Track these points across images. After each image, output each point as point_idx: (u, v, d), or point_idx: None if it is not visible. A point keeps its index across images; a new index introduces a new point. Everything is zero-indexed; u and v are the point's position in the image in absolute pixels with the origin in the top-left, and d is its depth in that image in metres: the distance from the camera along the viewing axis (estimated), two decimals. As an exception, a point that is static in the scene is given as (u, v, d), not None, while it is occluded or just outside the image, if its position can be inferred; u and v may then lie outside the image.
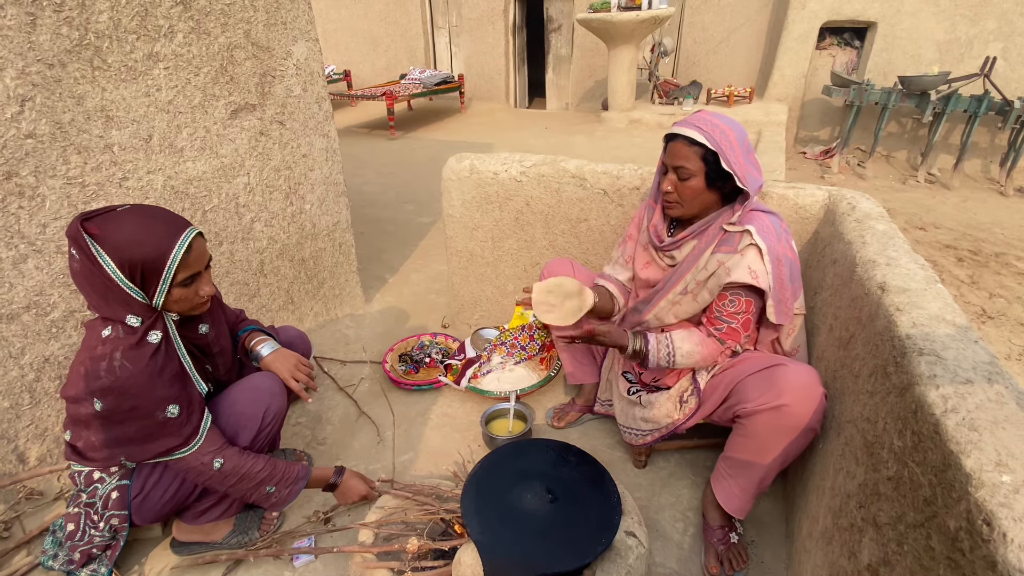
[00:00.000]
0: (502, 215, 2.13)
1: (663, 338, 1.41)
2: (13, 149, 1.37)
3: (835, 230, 1.50)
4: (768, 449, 1.27)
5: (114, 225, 1.06)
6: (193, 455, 1.18)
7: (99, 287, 1.08)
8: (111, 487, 1.25)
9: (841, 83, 5.23)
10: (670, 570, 1.39)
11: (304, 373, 1.42)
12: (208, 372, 1.31)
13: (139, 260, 1.06)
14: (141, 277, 1.08)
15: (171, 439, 1.15)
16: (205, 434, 1.20)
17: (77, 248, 1.06)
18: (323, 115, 2.19)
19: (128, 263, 1.06)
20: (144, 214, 1.11)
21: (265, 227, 2.08)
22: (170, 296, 1.13)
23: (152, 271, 1.08)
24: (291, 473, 1.32)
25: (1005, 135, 4.90)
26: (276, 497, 1.31)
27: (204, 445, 1.19)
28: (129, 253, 1.05)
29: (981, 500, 0.63)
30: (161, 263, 1.08)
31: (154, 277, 1.09)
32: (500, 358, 2.09)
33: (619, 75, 5.91)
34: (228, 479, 1.23)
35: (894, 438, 0.88)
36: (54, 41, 1.39)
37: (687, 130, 1.32)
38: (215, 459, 1.20)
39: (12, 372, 1.49)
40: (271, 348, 1.44)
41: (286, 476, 1.31)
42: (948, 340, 0.90)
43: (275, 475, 1.29)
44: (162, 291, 1.11)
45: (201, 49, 1.71)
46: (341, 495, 1.46)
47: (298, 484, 1.34)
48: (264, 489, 1.28)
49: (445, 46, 8.60)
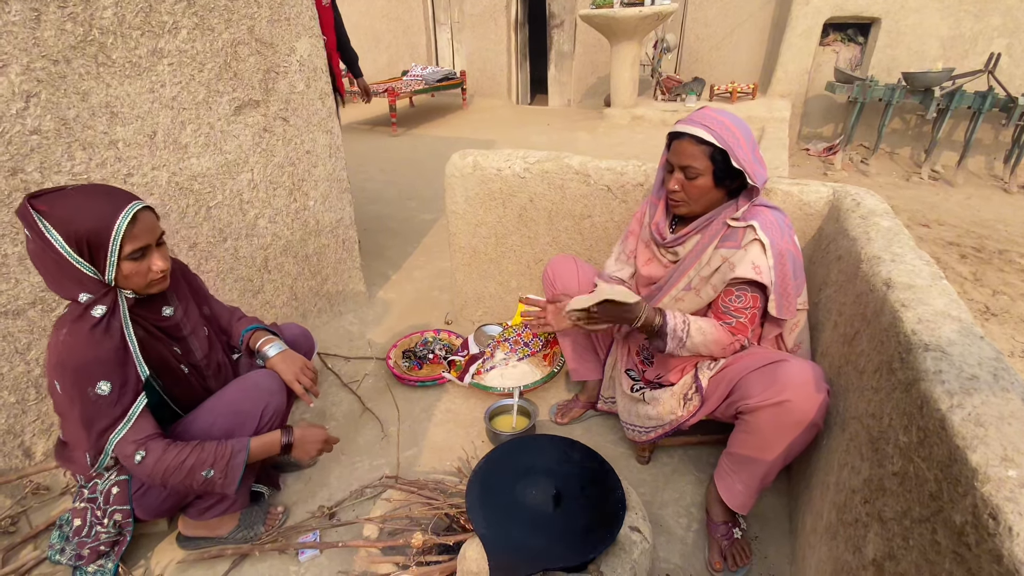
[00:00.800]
0: (505, 212, 2.13)
1: (676, 312, 1.40)
2: (18, 145, 1.37)
3: (839, 226, 1.50)
4: (771, 445, 1.27)
5: (60, 200, 1.06)
6: (118, 444, 1.13)
7: (51, 265, 1.08)
8: (111, 482, 1.25)
9: (845, 79, 5.21)
10: (674, 565, 1.40)
11: (308, 377, 1.42)
12: (178, 355, 1.29)
13: (84, 232, 1.06)
14: (89, 251, 1.08)
15: (103, 419, 1.12)
16: (133, 420, 1.14)
17: (27, 226, 1.06)
18: (326, 111, 2.19)
19: (75, 236, 1.05)
20: (90, 189, 1.11)
21: (269, 223, 2.08)
22: (121, 270, 1.11)
23: (98, 243, 1.07)
24: (224, 452, 1.22)
25: (1009, 132, 4.88)
26: (219, 480, 1.21)
27: (129, 433, 1.13)
28: (75, 226, 1.05)
29: (987, 495, 0.63)
30: (106, 234, 1.07)
31: (101, 250, 1.08)
32: (503, 354, 2.09)
33: (622, 71, 5.90)
34: (154, 474, 1.15)
35: (899, 433, 0.88)
36: (59, 37, 1.39)
37: (694, 129, 1.31)
38: (137, 451, 1.13)
39: (18, 368, 1.49)
40: (278, 349, 1.44)
41: (219, 456, 1.21)
42: (954, 336, 0.90)
43: (205, 459, 1.19)
44: (111, 264, 1.10)
45: (205, 45, 1.71)
46: (300, 450, 1.37)
47: (237, 459, 1.23)
48: (200, 476, 1.18)
49: (447, 42, 8.58)
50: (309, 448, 1.39)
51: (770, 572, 1.38)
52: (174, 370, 1.27)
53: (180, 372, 1.28)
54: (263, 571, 1.40)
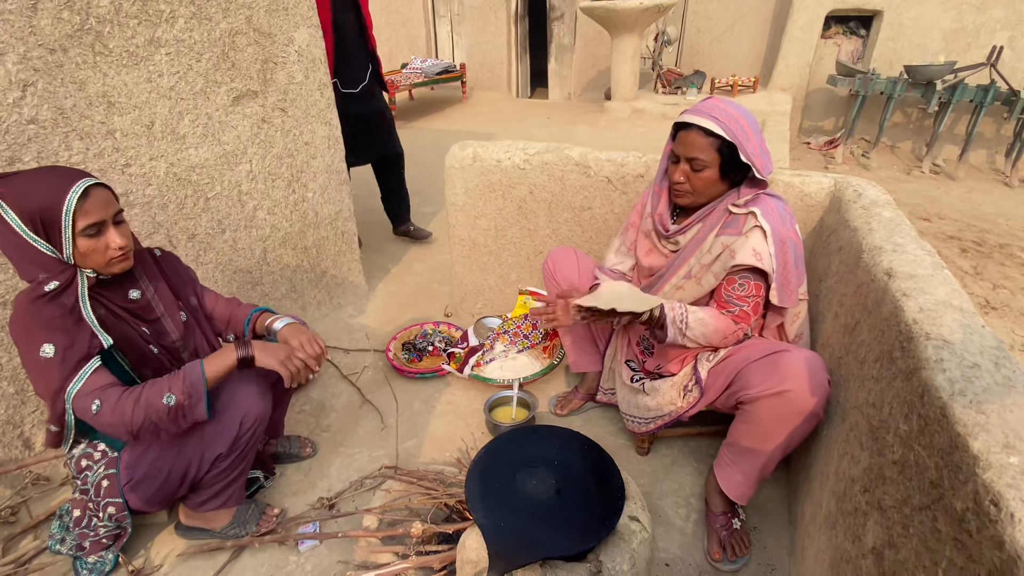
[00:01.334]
0: (505, 203, 2.12)
1: (676, 303, 1.39)
2: (15, 135, 1.36)
3: (841, 217, 1.49)
4: (771, 435, 1.27)
5: (15, 181, 1.08)
6: (75, 399, 1.12)
7: (11, 247, 1.10)
8: (100, 475, 1.25)
9: (846, 72, 5.18)
10: (673, 555, 1.40)
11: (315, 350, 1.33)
12: (147, 335, 1.27)
13: (36, 208, 1.07)
14: (44, 228, 1.09)
15: (53, 381, 1.11)
16: (87, 377, 1.12)
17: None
18: (325, 102, 2.18)
19: (28, 213, 1.07)
20: (45, 169, 1.13)
21: (268, 215, 2.07)
22: (77, 248, 1.12)
23: (51, 219, 1.08)
24: (177, 375, 1.18)
25: (1011, 125, 4.86)
26: (184, 402, 1.16)
27: (83, 387, 1.12)
28: (27, 203, 1.07)
29: (989, 481, 0.63)
30: (57, 209, 1.08)
31: (54, 226, 1.09)
32: (503, 346, 2.09)
33: (622, 64, 5.87)
34: (114, 421, 1.12)
35: (900, 422, 0.88)
36: (55, 26, 1.38)
37: (703, 120, 1.29)
38: (92, 401, 1.11)
39: (16, 359, 1.49)
40: (286, 322, 1.43)
41: (172, 380, 1.17)
42: (955, 325, 0.90)
43: (159, 388, 1.15)
44: (67, 240, 1.10)
45: (203, 35, 1.70)
46: (265, 356, 1.26)
47: (193, 375, 1.18)
48: (161, 404, 1.14)
49: (447, 35, 8.53)
50: (275, 350, 1.27)
51: (769, 562, 1.38)
52: (140, 348, 1.25)
53: (149, 351, 1.27)
54: (263, 561, 1.40)
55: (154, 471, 1.25)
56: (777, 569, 1.36)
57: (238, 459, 1.33)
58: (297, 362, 1.28)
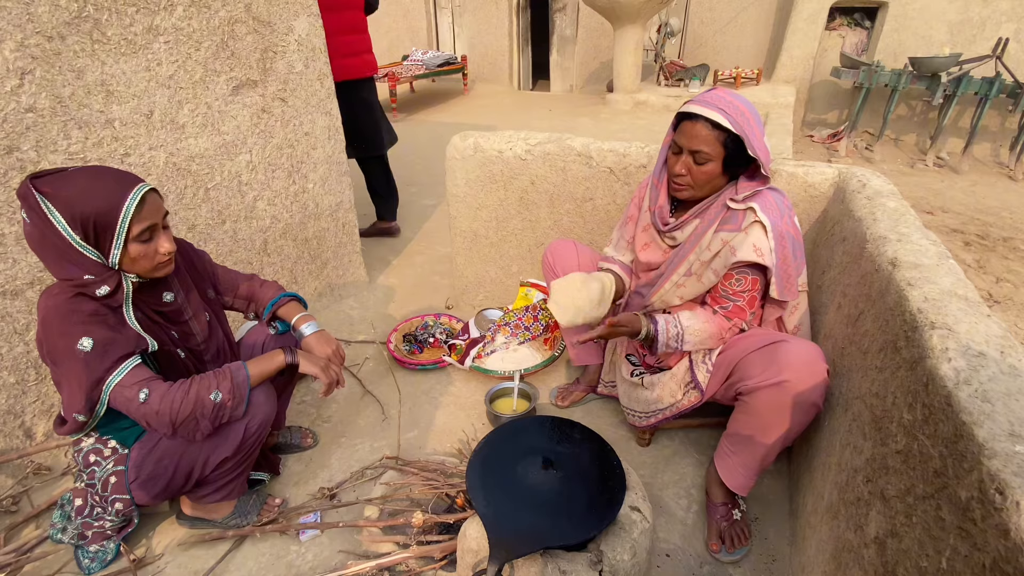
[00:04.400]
0: (507, 194, 2.11)
1: (671, 319, 1.40)
2: (13, 123, 1.35)
3: (845, 208, 1.48)
4: (770, 425, 1.27)
5: (64, 182, 1.04)
6: (116, 389, 1.11)
7: (52, 249, 1.06)
8: (108, 472, 1.25)
9: (850, 64, 5.14)
10: (673, 546, 1.40)
11: (337, 364, 1.40)
12: (175, 339, 1.27)
13: (91, 213, 1.03)
14: (94, 233, 1.05)
15: (94, 372, 1.09)
16: (129, 369, 1.12)
17: (28, 208, 1.03)
18: (325, 92, 2.17)
19: (80, 218, 1.03)
20: (95, 170, 1.09)
21: (268, 206, 2.06)
22: (127, 253, 1.10)
23: (105, 225, 1.05)
24: (224, 373, 1.21)
25: (1016, 118, 4.83)
26: (228, 401, 1.19)
27: (127, 378, 1.11)
28: (80, 207, 1.03)
29: (994, 469, 0.63)
30: (114, 216, 1.05)
31: (107, 232, 1.06)
32: (504, 338, 2.08)
33: (625, 56, 5.83)
34: (161, 410, 1.12)
35: (903, 412, 0.87)
36: (53, 13, 1.37)
37: (710, 111, 1.24)
38: (140, 390, 1.11)
39: (17, 348, 1.49)
40: (313, 329, 1.44)
41: (221, 378, 1.19)
42: (960, 314, 0.89)
43: (208, 384, 1.17)
44: (118, 246, 1.08)
45: (201, 23, 1.69)
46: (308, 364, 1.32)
47: (238, 376, 1.21)
48: (208, 400, 1.16)
49: (448, 27, 8.49)
50: (322, 348, 1.38)
51: (770, 553, 1.38)
52: (170, 353, 1.26)
53: (176, 356, 1.27)
54: (264, 551, 1.40)
55: (160, 470, 1.25)
56: (778, 560, 1.36)
57: (243, 459, 1.33)
58: (334, 372, 1.36)
